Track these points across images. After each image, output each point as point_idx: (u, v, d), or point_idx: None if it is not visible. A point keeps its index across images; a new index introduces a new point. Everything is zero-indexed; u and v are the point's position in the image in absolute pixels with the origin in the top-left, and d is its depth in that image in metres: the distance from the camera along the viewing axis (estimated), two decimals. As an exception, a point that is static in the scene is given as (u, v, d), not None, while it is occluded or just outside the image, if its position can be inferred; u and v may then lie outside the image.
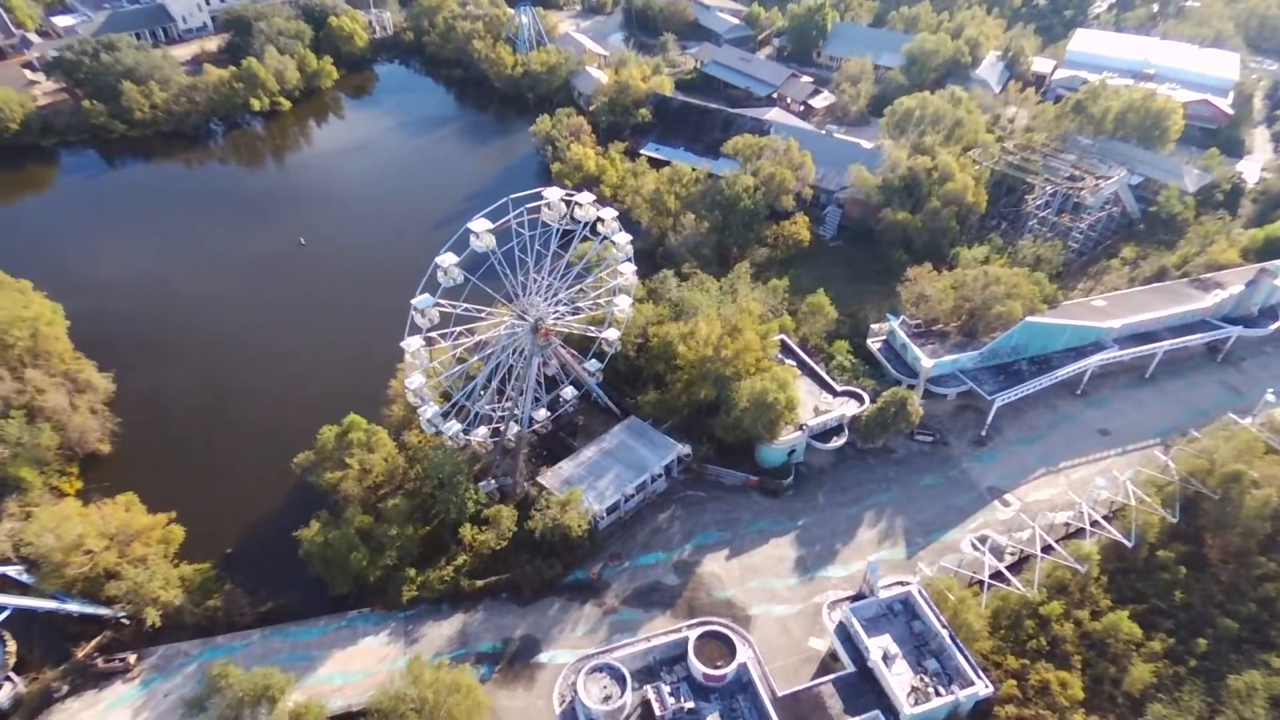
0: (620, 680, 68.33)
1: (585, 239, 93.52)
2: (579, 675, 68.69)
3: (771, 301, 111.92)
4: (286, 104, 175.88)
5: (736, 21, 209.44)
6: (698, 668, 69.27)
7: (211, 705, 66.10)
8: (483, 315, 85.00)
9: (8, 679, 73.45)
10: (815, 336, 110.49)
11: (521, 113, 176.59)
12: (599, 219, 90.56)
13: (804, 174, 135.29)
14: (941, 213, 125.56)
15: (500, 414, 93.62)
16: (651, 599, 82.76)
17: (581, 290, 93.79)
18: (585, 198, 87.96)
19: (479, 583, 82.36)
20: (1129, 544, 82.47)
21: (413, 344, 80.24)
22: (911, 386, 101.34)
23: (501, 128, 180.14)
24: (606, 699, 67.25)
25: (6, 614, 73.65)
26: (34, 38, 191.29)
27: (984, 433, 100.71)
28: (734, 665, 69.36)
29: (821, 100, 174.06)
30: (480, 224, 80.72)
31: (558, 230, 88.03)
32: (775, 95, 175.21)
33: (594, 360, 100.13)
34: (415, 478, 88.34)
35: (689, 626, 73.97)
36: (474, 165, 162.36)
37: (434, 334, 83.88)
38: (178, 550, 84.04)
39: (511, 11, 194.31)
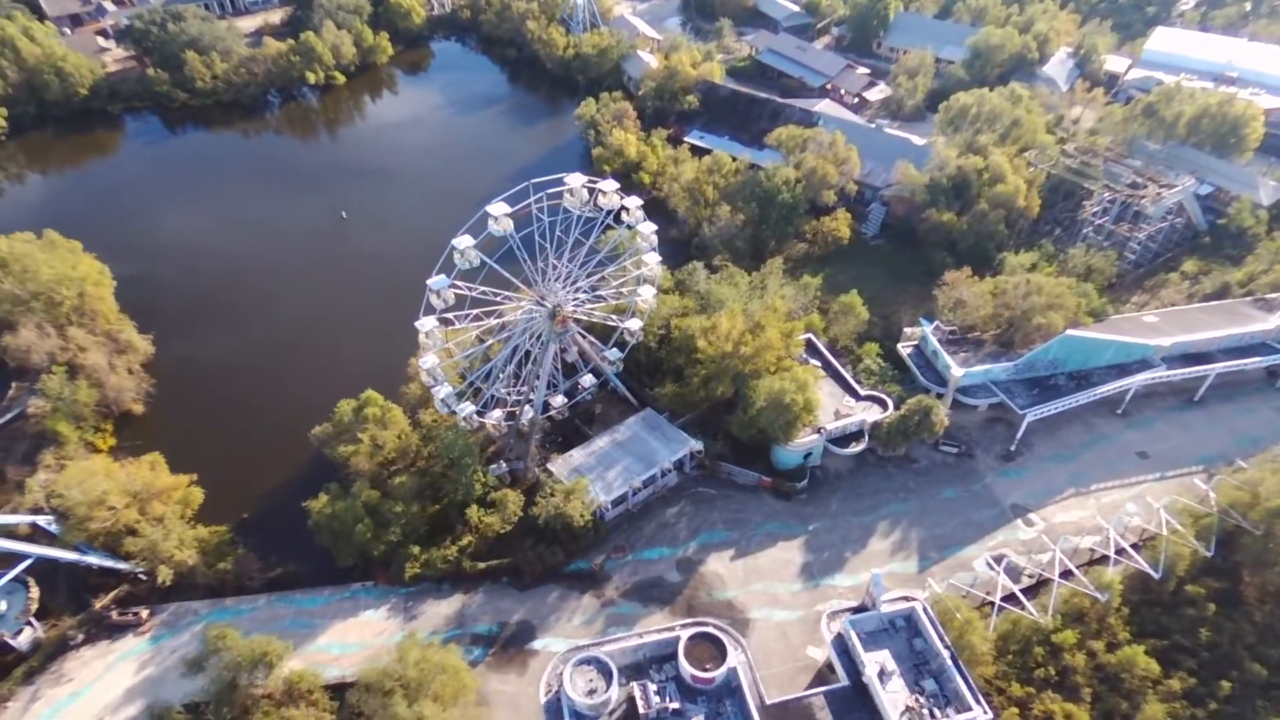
0: (607, 675, 67.86)
1: (610, 227, 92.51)
2: (566, 666, 68.46)
3: (802, 299, 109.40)
4: (341, 78, 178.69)
5: (796, 9, 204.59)
6: (686, 669, 68.36)
7: (210, 666, 67.85)
8: (499, 299, 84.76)
9: (29, 624, 76.75)
10: (845, 337, 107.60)
11: (572, 95, 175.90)
12: (623, 207, 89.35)
13: (849, 169, 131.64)
14: (989, 216, 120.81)
15: (515, 398, 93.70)
16: (651, 594, 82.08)
17: (603, 278, 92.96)
18: (608, 185, 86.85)
19: (481, 565, 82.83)
20: (1156, 575, 78.38)
21: (426, 324, 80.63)
22: (940, 395, 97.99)
23: (551, 109, 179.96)
24: (591, 692, 66.89)
25: (30, 562, 76.96)
26: (109, 5, 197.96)
27: (1013, 447, 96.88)
28: (724, 669, 68.20)
29: (876, 93, 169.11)
30: (498, 208, 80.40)
31: (580, 217, 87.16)
32: (829, 86, 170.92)
33: (615, 349, 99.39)
34: (427, 457, 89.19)
35: (682, 626, 72.99)
36: (520, 146, 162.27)
37: (450, 315, 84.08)
38: (196, 512, 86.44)
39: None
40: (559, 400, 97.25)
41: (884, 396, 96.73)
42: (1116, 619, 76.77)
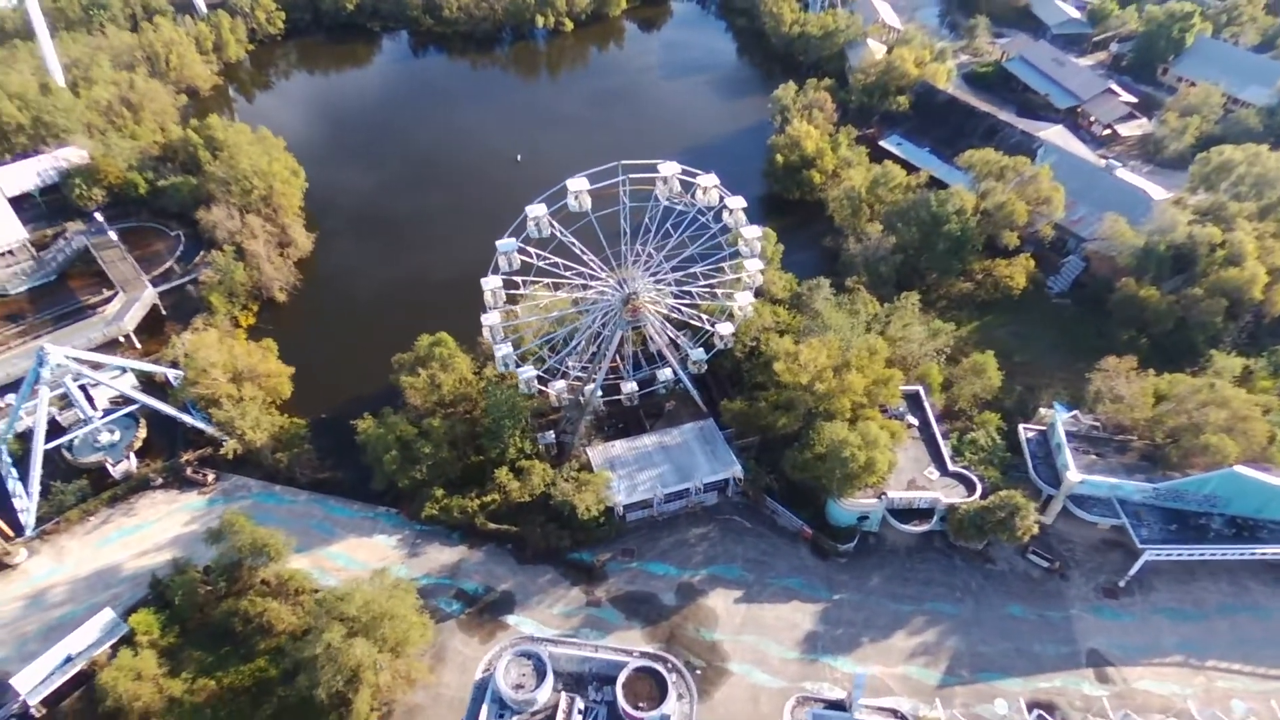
0: (540, 675, 66.11)
1: (698, 220, 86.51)
2: (507, 652, 67.81)
3: (928, 346, 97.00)
4: (570, 25, 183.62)
5: (1076, 15, 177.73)
6: (621, 700, 64.97)
7: (222, 542, 75.38)
8: (569, 274, 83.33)
9: (128, 457, 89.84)
10: (965, 400, 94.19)
11: (791, 75, 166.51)
12: (724, 206, 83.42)
13: (1048, 211, 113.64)
14: (1203, 303, 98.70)
15: (579, 374, 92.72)
16: (639, 609, 78.71)
17: (693, 275, 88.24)
18: (708, 180, 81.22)
19: (492, 526, 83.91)
20: (1233, 800, 61.76)
21: (492, 283, 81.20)
22: (1050, 498, 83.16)
23: (760, 87, 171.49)
24: (519, 687, 65.70)
25: (138, 406, 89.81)
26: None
27: (1122, 583, 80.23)
28: (656, 714, 63.96)
29: (1134, 127, 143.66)
30: (579, 183, 78.33)
31: (674, 207, 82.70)
32: (1078, 110, 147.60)
33: (700, 350, 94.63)
34: (482, 409, 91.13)
35: (640, 654, 69.07)
36: (711, 120, 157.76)
37: (526, 279, 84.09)
38: (283, 402, 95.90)
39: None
40: (630, 387, 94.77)
41: (974, 478, 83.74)
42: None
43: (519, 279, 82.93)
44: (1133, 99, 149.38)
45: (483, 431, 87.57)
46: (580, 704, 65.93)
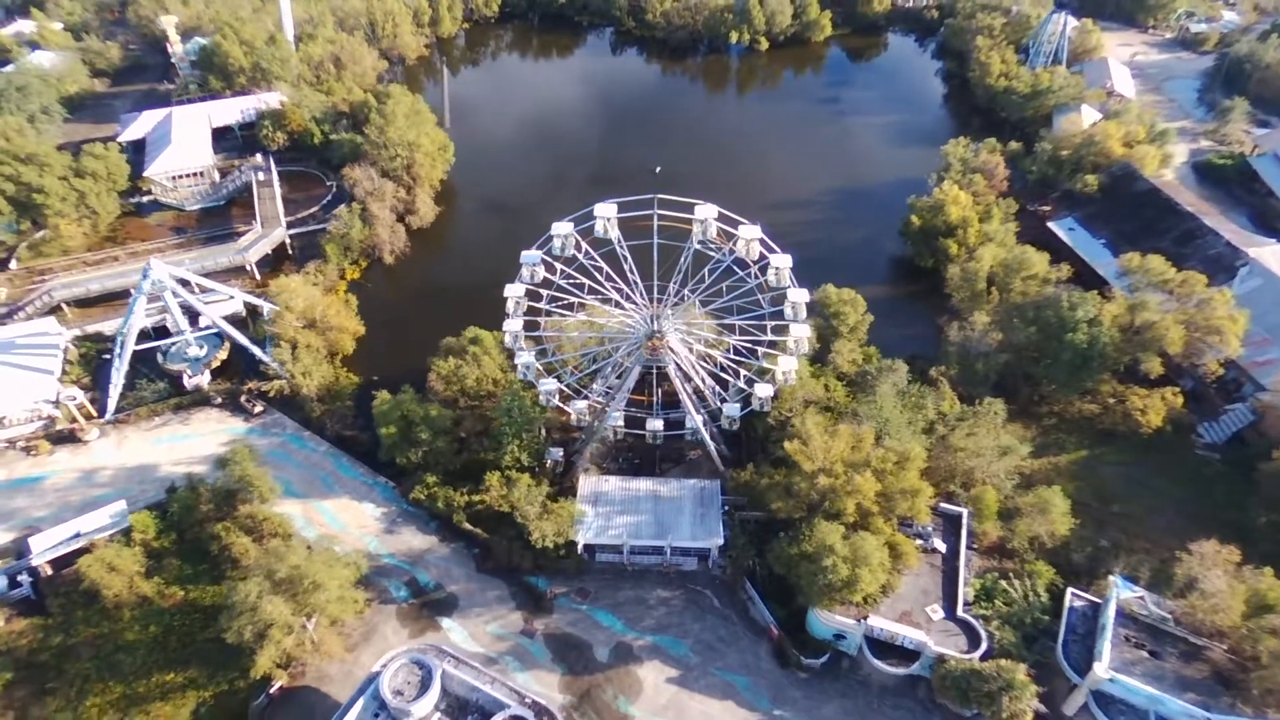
0: (423, 688, 65.27)
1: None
2: (401, 656, 67.59)
3: (995, 464, 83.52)
4: (765, 44, 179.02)
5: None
6: (487, 741, 62.60)
7: (225, 470, 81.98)
8: (590, 297, 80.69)
9: (203, 373, 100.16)
10: (1021, 540, 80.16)
11: (990, 132, 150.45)
12: (767, 262, 76.51)
13: (1219, 345, 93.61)
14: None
15: (599, 397, 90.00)
16: (566, 654, 75.08)
17: (730, 326, 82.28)
18: (750, 231, 74.56)
19: (465, 526, 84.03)
20: None
21: (515, 290, 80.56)
22: (1073, 686, 68.70)
23: (950, 139, 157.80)
24: (398, 694, 65.32)
25: (214, 330, 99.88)
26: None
27: (1132, 819, 64.44)
28: (511, 769, 60.92)
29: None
30: (607, 209, 75.40)
31: (710, 252, 77.21)
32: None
33: (736, 406, 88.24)
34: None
35: (529, 704, 65.99)
36: (877, 164, 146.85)
37: (545, 290, 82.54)
38: (345, 357, 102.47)
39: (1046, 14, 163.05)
40: (655, 425, 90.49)
41: (983, 632, 70.99)
42: None
43: (543, 291, 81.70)
44: None
45: (490, 432, 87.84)
46: (449, 731, 64.32)
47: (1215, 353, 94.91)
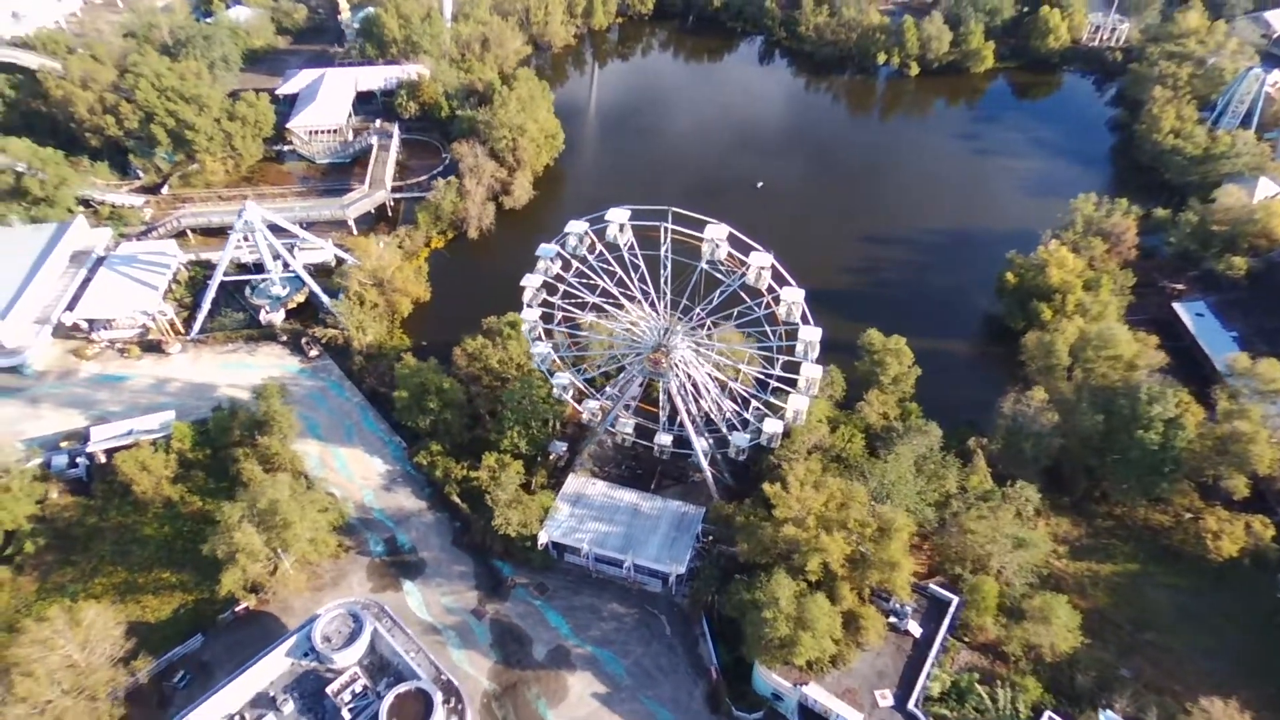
0: (350, 640, 68.41)
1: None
2: (341, 605, 70.95)
3: (1007, 555, 75.33)
4: (915, 70, 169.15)
5: None
6: (384, 708, 64.38)
7: (257, 402, 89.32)
8: (603, 299, 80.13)
9: (282, 311, 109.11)
10: (1016, 646, 71.93)
11: (1149, 195, 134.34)
12: (776, 296, 72.53)
13: (1332, 475, 79.10)
14: None
15: (608, 399, 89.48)
16: (507, 644, 75.69)
17: (743, 355, 79.22)
18: (761, 260, 70.76)
19: (454, 499, 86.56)
20: None
21: (533, 281, 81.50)
22: (1020, 817, 61.07)
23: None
24: (327, 640, 68.69)
25: (293, 274, 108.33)
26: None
27: None
28: (409, 733, 62.57)
29: None
30: (620, 214, 74.43)
31: (718, 272, 74.27)
32: None
33: (744, 436, 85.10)
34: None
35: (444, 682, 67.17)
36: (1005, 210, 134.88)
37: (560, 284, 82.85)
38: (402, 319, 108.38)
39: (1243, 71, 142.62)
40: (663, 439, 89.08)
41: (929, 735, 64.51)
42: None
43: (558, 285, 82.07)
44: None
45: (497, 414, 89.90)
46: (359, 687, 67.08)
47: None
